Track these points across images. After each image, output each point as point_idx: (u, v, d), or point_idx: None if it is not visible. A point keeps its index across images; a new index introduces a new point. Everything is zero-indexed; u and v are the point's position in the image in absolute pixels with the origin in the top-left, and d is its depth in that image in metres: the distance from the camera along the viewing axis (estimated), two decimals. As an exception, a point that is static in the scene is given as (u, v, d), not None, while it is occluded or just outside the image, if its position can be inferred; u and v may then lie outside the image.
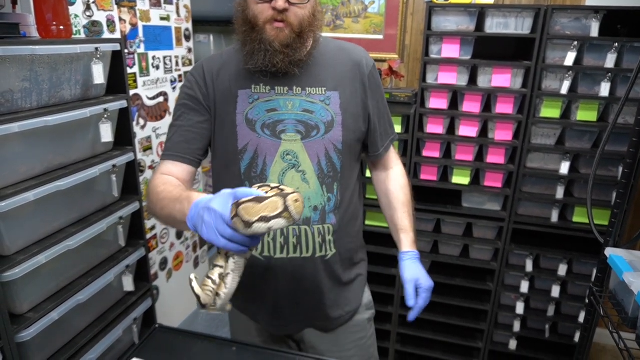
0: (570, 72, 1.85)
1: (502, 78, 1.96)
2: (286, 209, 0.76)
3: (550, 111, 1.95)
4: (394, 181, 1.28)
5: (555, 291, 2.08)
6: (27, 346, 1.26)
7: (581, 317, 2.05)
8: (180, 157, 1.12)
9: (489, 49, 2.07)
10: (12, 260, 1.19)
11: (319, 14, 1.07)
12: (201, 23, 3.18)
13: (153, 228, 2.21)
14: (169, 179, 1.07)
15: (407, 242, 1.22)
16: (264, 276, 1.15)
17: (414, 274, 1.15)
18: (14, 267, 1.19)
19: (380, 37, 2.46)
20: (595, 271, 1.53)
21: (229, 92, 1.10)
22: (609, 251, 1.34)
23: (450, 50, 2.00)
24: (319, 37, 1.11)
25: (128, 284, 1.63)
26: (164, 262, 2.33)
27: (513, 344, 2.23)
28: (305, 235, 1.12)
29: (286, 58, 1.03)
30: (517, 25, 1.91)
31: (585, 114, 1.90)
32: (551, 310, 2.14)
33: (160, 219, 1.03)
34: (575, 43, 1.81)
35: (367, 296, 1.33)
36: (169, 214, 0.95)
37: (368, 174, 2.11)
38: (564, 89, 1.86)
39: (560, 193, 1.99)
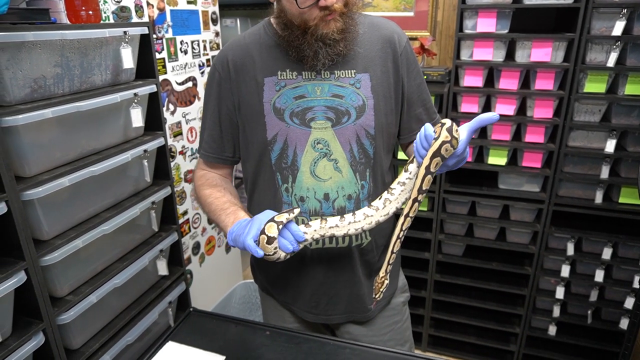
0: (618, 42, 1.73)
1: (542, 52, 1.86)
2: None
3: (595, 86, 1.83)
4: None
5: (599, 275, 1.98)
6: (67, 328, 1.29)
7: (627, 303, 1.95)
8: (212, 157, 1.17)
9: (526, 22, 1.96)
10: (51, 245, 1.22)
11: None
12: (228, 7, 3.15)
13: (185, 213, 2.23)
14: (212, 179, 1.17)
15: None
16: (299, 268, 1.14)
17: None
18: (52, 252, 1.21)
19: (411, 14, 2.38)
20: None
21: (254, 81, 1.06)
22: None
23: (486, 24, 1.90)
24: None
25: (162, 268, 1.65)
26: (196, 247, 2.35)
27: (552, 330, 2.16)
28: None
29: (346, 41, 1.00)
30: (559, -5, 1.79)
31: (635, 88, 1.77)
32: (594, 296, 2.05)
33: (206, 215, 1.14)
34: (625, 10, 1.69)
35: (402, 279, 1.30)
36: (215, 219, 1.09)
37: (400, 155, 2.07)
38: (611, 61, 1.74)
39: (605, 173, 1.88)
